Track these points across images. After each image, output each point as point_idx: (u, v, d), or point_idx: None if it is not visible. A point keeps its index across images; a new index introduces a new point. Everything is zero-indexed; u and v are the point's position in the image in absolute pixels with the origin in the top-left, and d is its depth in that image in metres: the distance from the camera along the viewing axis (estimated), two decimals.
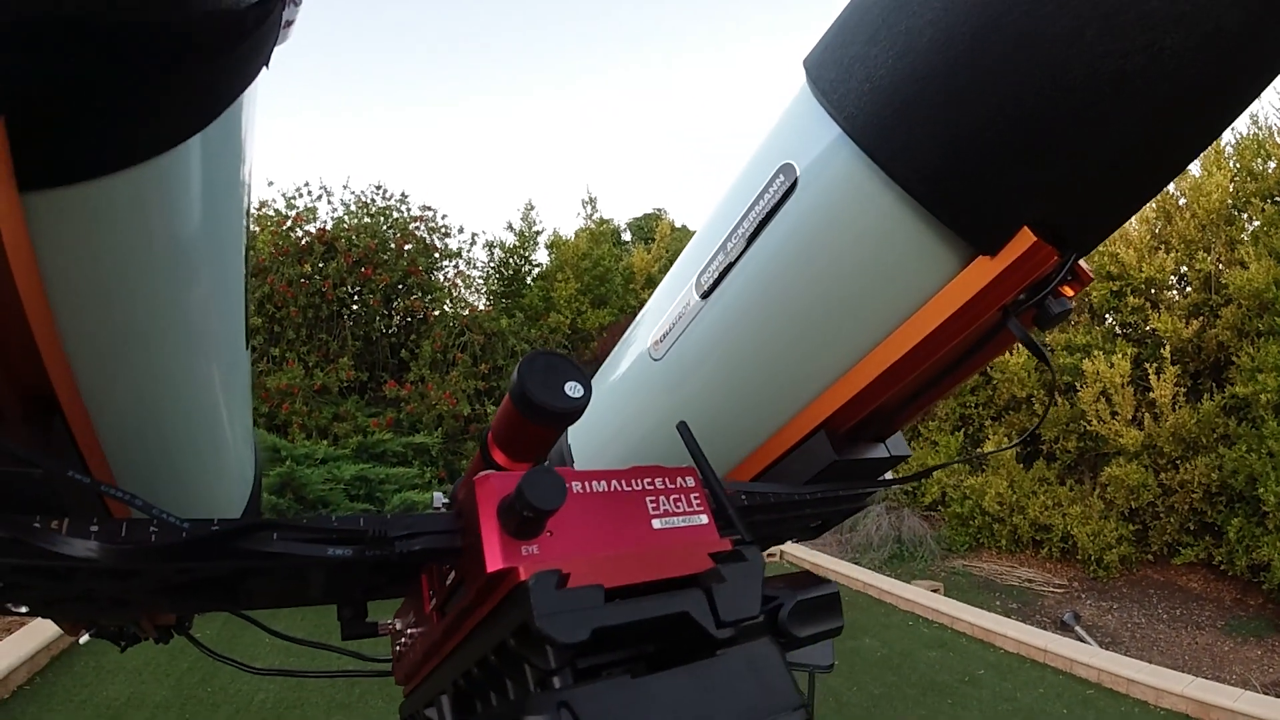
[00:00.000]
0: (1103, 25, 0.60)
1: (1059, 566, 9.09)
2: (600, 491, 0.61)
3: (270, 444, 8.32)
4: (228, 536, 0.62)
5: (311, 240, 10.82)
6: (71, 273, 0.52)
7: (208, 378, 0.81)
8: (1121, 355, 8.68)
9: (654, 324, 1.05)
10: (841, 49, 0.76)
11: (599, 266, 14.02)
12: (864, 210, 0.76)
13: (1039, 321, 0.79)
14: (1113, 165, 0.69)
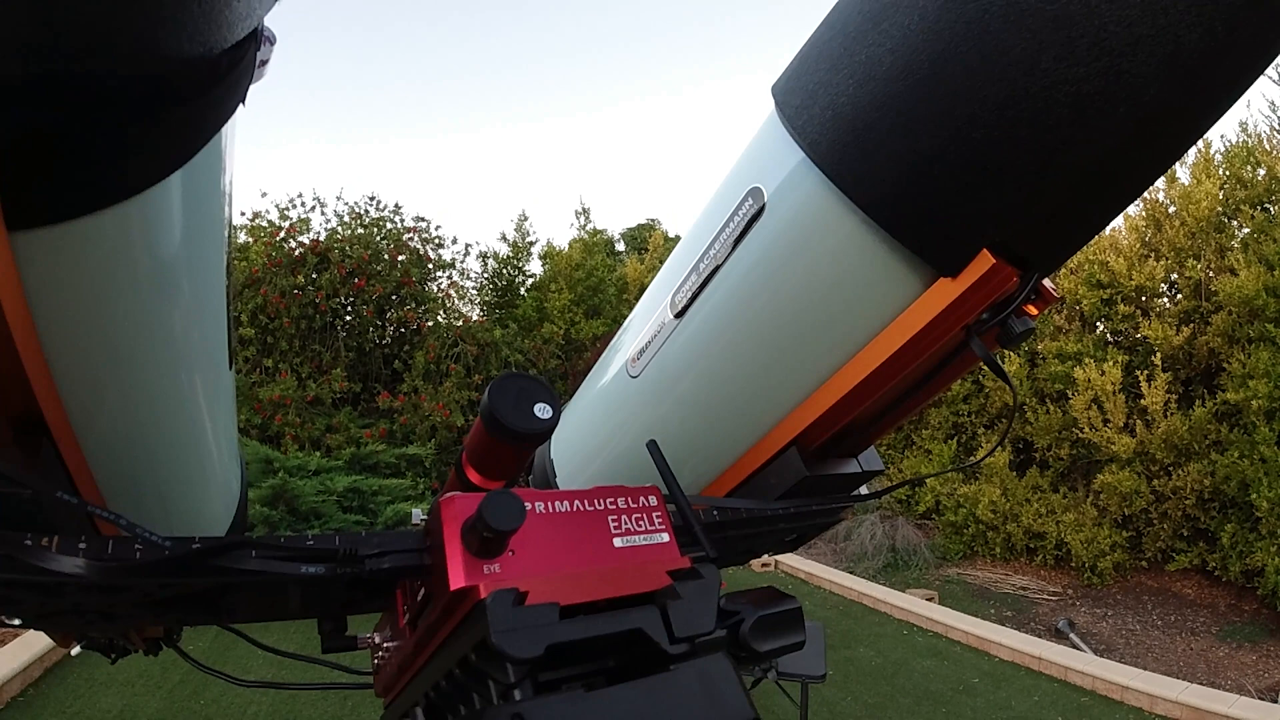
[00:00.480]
0: (1060, 50, 0.62)
1: (1053, 574, 9.10)
2: (563, 511, 0.63)
3: (263, 455, 8.31)
4: (207, 554, 0.65)
5: (305, 251, 10.83)
6: (58, 304, 0.54)
7: (192, 399, 0.82)
8: (1112, 363, 8.72)
9: (633, 340, 1.07)
10: (806, 76, 0.79)
11: (592, 277, 14.05)
12: (828, 233, 0.78)
13: (1002, 340, 0.81)
14: (1073, 188, 0.71)
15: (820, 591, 8.70)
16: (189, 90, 0.48)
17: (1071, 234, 0.79)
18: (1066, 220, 0.75)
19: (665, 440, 0.99)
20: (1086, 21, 0.61)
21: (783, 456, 0.92)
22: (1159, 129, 0.69)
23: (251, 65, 0.54)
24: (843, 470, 0.98)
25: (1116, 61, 0.62)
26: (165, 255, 0.60)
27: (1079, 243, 0.81)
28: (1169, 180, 9.54)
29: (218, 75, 0.49)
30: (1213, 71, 0.65)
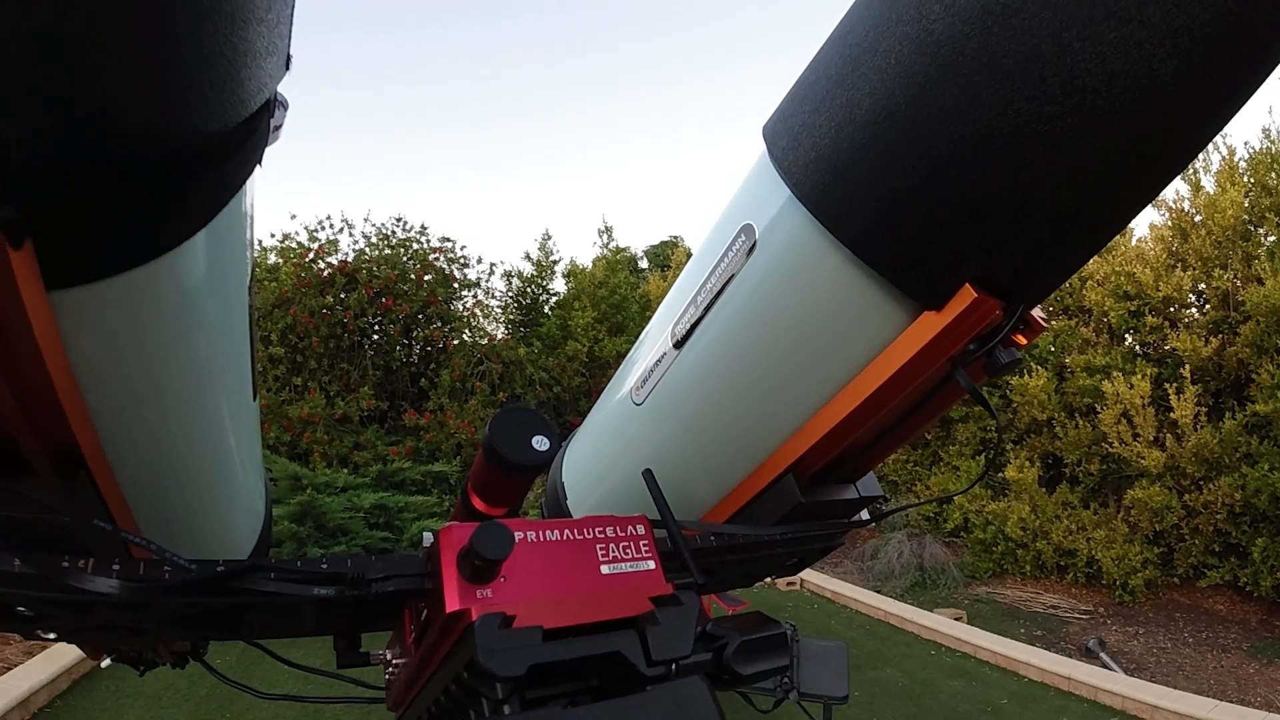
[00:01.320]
0: (1032, 90, 0.65)
1: (1084, 592, 8.94)
2: (553, 540, 0.67)
3: (292, 473, 8.44)
4: (229, 577, 0.70)
5: (333, 272, 11.03)
6: (94, 351, 0.59)
7: (218, 430, 0.88)
8: (1141, 375, 8.58)
9: (638, 367, 1.11)
10: (791, 119, 0.82)
11: (615, 295, 14.14)
12: (816, 269, 0.81)
13: (989, 370, 0.83)
14: (1052, 223, 0.74)
15: (846, 611, 8.61)
16: (209, 161, 0.53)
17: (1055, 266, 0.81)
18: (1049, 254, 0.78)
19: (666, 466, 1.02)
20: (1059, 60, 0.63)
21: (779, 483, 0.95)
22: (1137, 163, 0.71)
23: (266, 132, 0.59)
24: (840, 496, 1.00)
25: (1089, 99, 0.64)
26: (191, 303, 0.65)
27: (1064, 275, 0.83)
28: (1194, 189, 9.42)
29: (235, 146, 0.54)
30: (1191, 103, 0.67)
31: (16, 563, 0.67)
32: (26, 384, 0.54)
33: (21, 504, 0.63)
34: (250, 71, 0.51)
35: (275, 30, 0.53)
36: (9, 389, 0.54)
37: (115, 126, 0.44)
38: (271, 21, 0.51)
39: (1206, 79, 0.64)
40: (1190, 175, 9.47)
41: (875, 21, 0.74)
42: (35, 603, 0.76)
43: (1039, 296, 0.84)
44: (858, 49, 0.75)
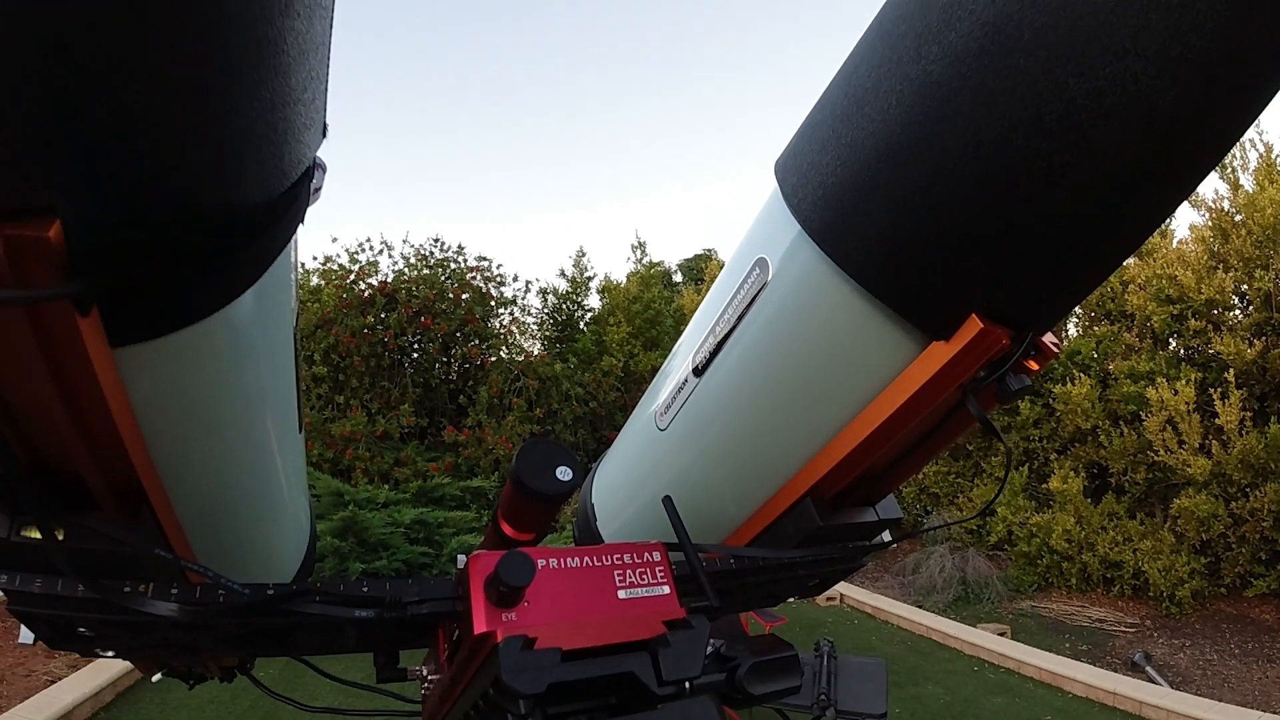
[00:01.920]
0: (1030, 127, 0.67)
1: (1131, 604, 8.69)
2: (574, 567, 0.72)
3: (334, 489, 8.61)
4: (278, 600, 0.76)
5: (373, 293, 11.27)
6: (154, 397, 0.65)
7: (269, 464, 0.94)
8: (1185, 381, 8.36)
9: (663, 392, 1.14)
10: (800, 156, 0.86)
11: (650, 309, 14.20)
12: (826, 301, 0.85)
13: (999, 397, 0.85)
14: (1054, 255, 0.76)
15: (888, 627, 8.48)
16: (257, 229, 0.58)
17: (1061, 296, 0.83)
18: (1054, 284, 0.80)
19: (690, 489, 1.06)
20: (1055, 97, 0.65)
21: (799, 506, 0.98)
22: (1138, 194, 0.73)
23: (307, 195, 0.64)
24: (859, 519, 1.03)
25: (1087, 133, 0.66)
26: (242, 349, 0.71)
27: (1070, 303, 0.85)
28: (1233, 187, 9.17)
29: (280, 212, 0.59)
30: (1191, 132, 0.69)
31: (80, 588, 0.74)
32: (94, 431, 0.60)
33: (89, 536, 0.69)
34: (291, 146, 0.56)
35: (312, 105, 0.58)
36: (78, 435, 0.60)
37: (173, 206, 0.49)
38: (308, 99, 0.57)
39: (1206, 108, 0.66)
40: (1228, 173, 9.23)
41: (878, 62, 0.77)
42: (97, 624, 0.83)
43: (1048, 324, 0.86)
44: (861, 89, 0.78)
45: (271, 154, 0.55)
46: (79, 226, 0.45)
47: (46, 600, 0.74)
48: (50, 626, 0.84)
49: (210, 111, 0.46)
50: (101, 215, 0.47)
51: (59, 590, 0.73)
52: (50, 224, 0.43)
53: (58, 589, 0.73)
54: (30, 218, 0.43)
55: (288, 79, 0.51)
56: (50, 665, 5.71)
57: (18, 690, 5.38)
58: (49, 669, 5.66)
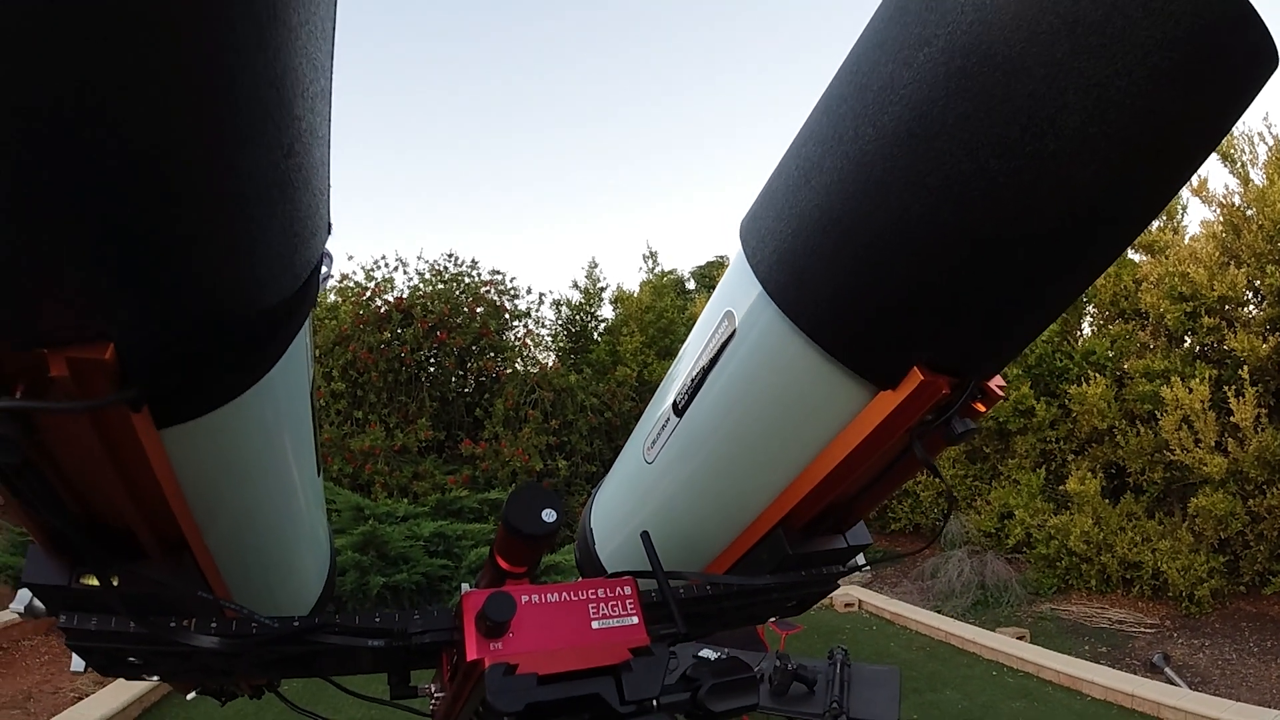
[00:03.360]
0: (955, 205, 0.76)
1: (1150, 605, 8.65)
2: (554, 601, 0.83)
3: (354, 504, 8.76)
4: (302, 632, 0.87)
5: (390, 309, 11.45)
6: (194, 463, 0.76)
7: (292, 510, 1.06)
8: (1200, 379, 8.32)
9: (652, 425, 1.24)
10: (759, 220, 0.96)
11: (663, 319, 14.30)
12: (784, 353, 0.94)
13: (946, 439, 0.94)
14: (984, 315, 0.85)
15: (906, 632, 8.49)
16: (278, 322, 0.69)
17: (997, 348, 0.91)
18: (988, 339, 0.89)
19: (674, 519, 1.16)
20: (978, 176, 0.74)
21: (771, 536, 1.07)
22: (1059, 260, 0.81)
23: (318, 283, 0.74)
24: (829, 546, 1.12)
25: (1009, 208, 0.75)
26: (269, 417, 0.82)
27: (1010, 353, 0.94)
28: (1243, 182, 9.12)
29: (296, 304, 0.70)
30: (1113, 204, 0.77)
31: (132, 625, 0.85)
32: (143, 495, 0.71)
33: (140, 581, 0.80)
34: (304, 251, 0.67)
35: (318, 214, 0.69)
36: (129, 499, 0.71)
37: (208, 323, 0.60)
38: (315, 209, 0.67)
39: (1127, 180, 0.74)
40: (1238, 168, 9.19)
41: (823, 137, 0.86)
42: (146, 654, 0.94)
43: (991, 372, 0.94)
44: (809, 161, 0.88)
45: (288, 263, 0.65)
46: (129, 345, 0.56)
47: (102, 636, 0.85)
48: (103, 656, 0.95)
49: (236, 247, 0.57)
50: (147, 336, 0.57)
51: (113, 627, 0.84)
52: (106, 347, 0.54)
53: (112, 626, 0.84)
54: (88, 342, 0.54)
55: (296, 204, 0.62)
56: (77, 682, 5.86)
57: (45, 707, 5.53)
58: (75, 686, 5.82)
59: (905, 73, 0.76)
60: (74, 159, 0.45)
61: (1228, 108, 0.75)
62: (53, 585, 0.82)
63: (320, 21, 0.57)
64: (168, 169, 0.49)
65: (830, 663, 4.11)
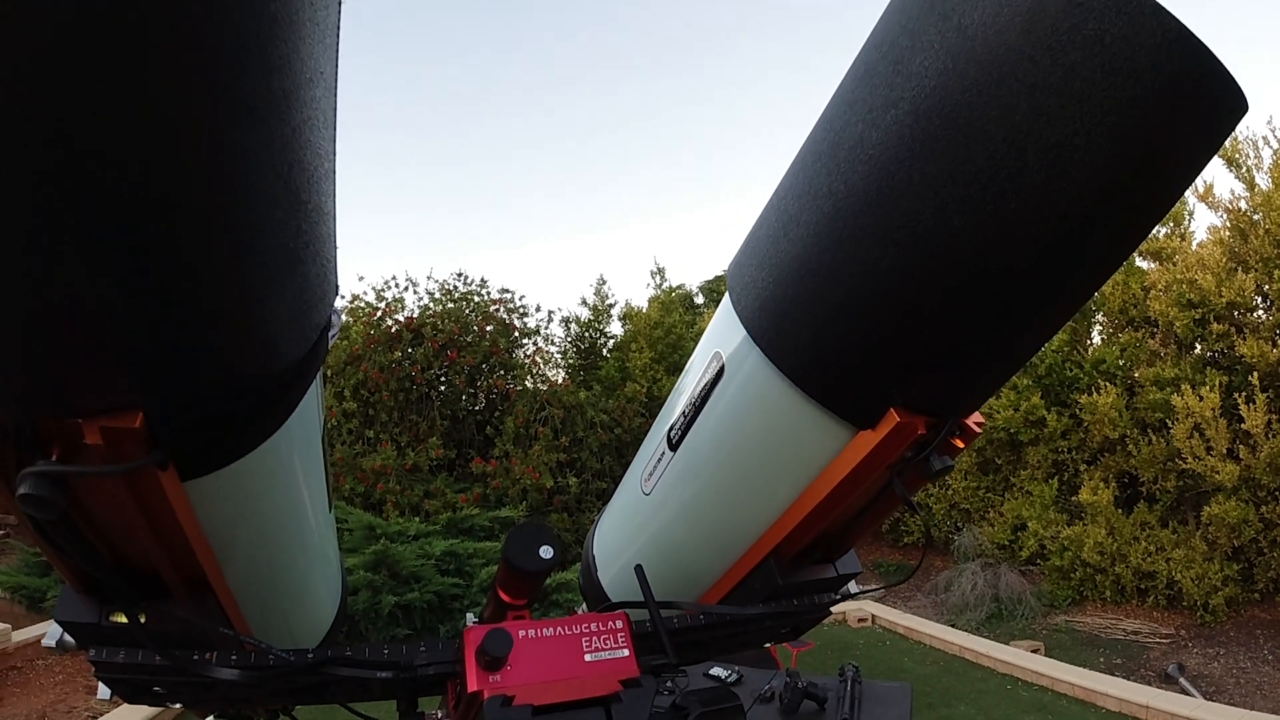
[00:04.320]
0: (922, 259, 0.80)
1: (1165, 615, 8.58)
2: (549, 635, 0.88)
3: (366, 523, 8.81)
4: (316, 665, 0.92)
5: (400, 328, 11.55)
6: (215, 508, 0.81)
7: (307, 548, 1.12)
8: (1210, 387, 8.29)
9: (650, 455, 1.29)
10: (743, 269, 1.01)
11: (671, 334, 14.34)
12: (768, 394, 0.99)
13: (923, 475, 0.98)
14: (953, 361, 0.89)
15: (920, 647, 8.44)
16: (291, 381, 0.74)
17: (970, 389, 0.96)
18: (959, 381, 0.93)
19: (670, 548, 1.21)
20: (944, 236, 0.78)
21: (763, 566, 1.12)
22: (1025, 311, 0.85)
23: (327, 342, 0.80)
24: (819, 576, 1.16)
25: (975, 263, 0.79)
26: (283, 464, 0.88)
27: (983, 394, 0.98)
28: (1249, 186, 9.11)
29: (308, 362, 0.76)
30: (1072, 259, 0.81)
31: (157, 658, 0.90)
32: (169, 541, 0.76)
33: (166, 619, 0.86)
34: (311, 318, 0.73)
35: (325, 282, 0.75)
36: (156, 545, 0.76)
37: (227, 389, 0.66)
38: (323, 276, 0.73)
39: (1086, 237, 0.78)
40: (1244, 172, 9.18)
41: (800, 192, 0.92)
42: (170, 684, 1.00)
43: (967, 411, 0.98)
44: (788, 214, 0.93)
45: (300, 327, 0.71)
46: (157, 412, 0.62)
47: (129, 668, 0.91)
48: (129, 687, 1.01)
49: (252, 321, 0.63)
50: (173, 403, 0.63)
51: (140, 660, 0.90)
52: (136, 416, 0.60)
53: (139, 659, 0.90)
54: (120, 411, 0.60)
55: (305, 276, 0.68)
56: (91, 702, 5.93)
57: None
58: (89, 705, 5.88)
59: (873, 133, 0.80)
60: (105, 261, 0.51)
61: (1194, 157, 0.78)
62: (84, 623, 0.87)
63: (322, 113, 0.63)
64: (189, 259, 0.55)
65: (841, 680, 4.12)
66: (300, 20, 0.52)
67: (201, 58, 0.46)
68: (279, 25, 0.50)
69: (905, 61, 0.78)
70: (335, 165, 0.71)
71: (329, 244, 0.73)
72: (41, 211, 0.47)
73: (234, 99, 0.49)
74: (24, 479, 0.59)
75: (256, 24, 0.48)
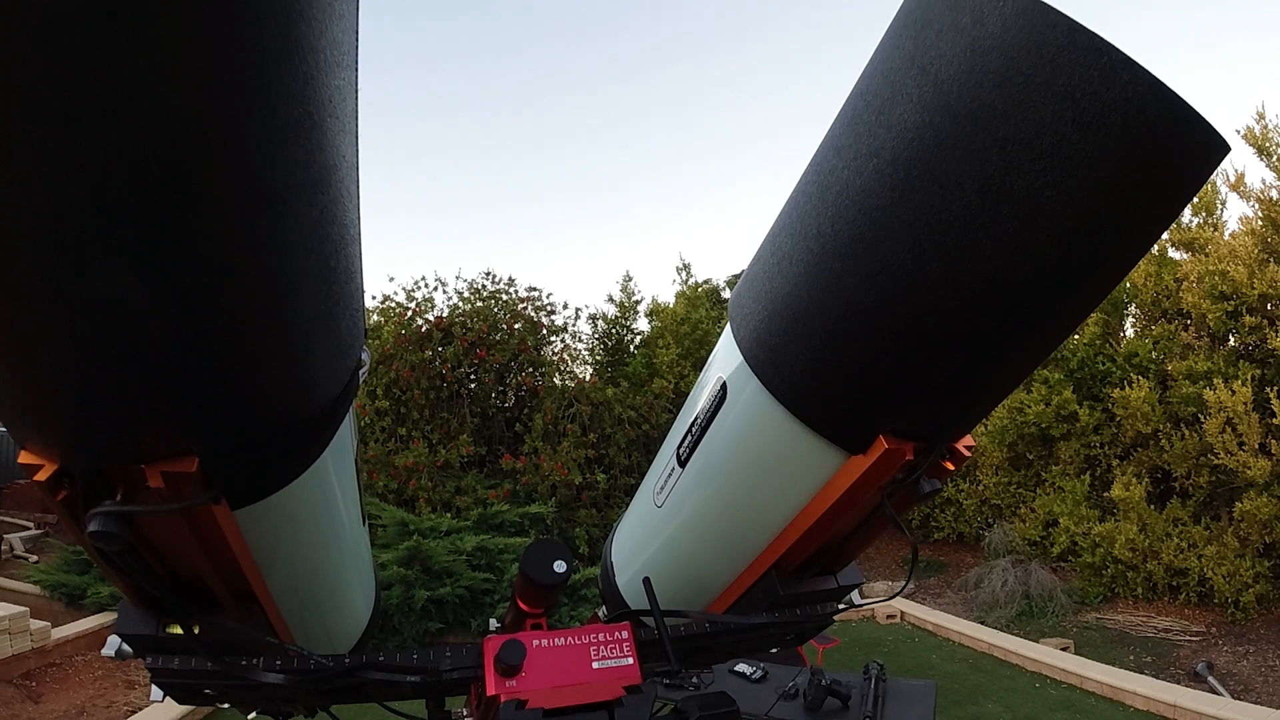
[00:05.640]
0: (903, 301, 0.85)
1: (1197, 612, 8.46)
2: (561, 645, 0.96)
3: (399, 519, 9.01)
4: (352, 669, 1.01)
5: (430, 328, 11.74)
6: (261, 531, 0.91)
7: (343, 564, 1.22)
8: (1242, 381, 8.13)
9: (663, 469, 1.36)
10: (742, 301, 1.07)
11: (698, 330, 14.37)
12: (767, 419, 1.05)
13: (914, 497, 1.04)
14: (936, 392, 0.95)
15: (949, 644, 8.42)
16: (327, 417, 0.83)
17: (955, 418, 1.01)
18: (944, 410, 0.98)
19: (681, 558, 1.28)
20: (922, 279, 0.82)
21: (766, 577, 1.19)
22: (1003, 349, 0.90)
23: (358, 381, 0.89)
24: (820, 587, 1.23)
25: (952, 305, 0.84)
26: (321, 488, 0.97)
27: (968, 424, 1.03)
28: None
29: (342, 400, 0.84)
30: (1046, 302, 0.85)
31: (209, 664, 1.00)
32: (220, 561, 0.86)
33: (217, 629, 0.95)
34: (343, 362, 0.81)
35: (355, 329, 0.83)
36: (209, 565, 0.86)
37: (273, 431, 0.75)
38: (351, 328, 0.81)
39: (1058, 281, 0.82)
40: (1275, 161, 8.98)
41: (793, 231, 0.98)
42: (219, 687, 1.10)
43: (955, 437, 1.04)
44: (781, 251, 0.99)
45: (333, 371, 0.80)
46: (210, 456, 0.71)
47: (184, 674, 1.01)
48: (183, 690, 1.11)
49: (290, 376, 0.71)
50: (224, 448, 0.72)
51: (193, 666, 1.00)
52: (193, 461, 0.69)
53: (192, 665, 1.00)
54: (178, 457, 0.69)
55: (337, 330, 0.77)
56: (130, 696, 6.12)
57: None
58: (129, 700, 6.07)
59: (857, 180, 0.86)
60: (170, 332, 0.60)
61: (1169, 204, 0.81)
62: (142, 634, 0.97)
63: (346, 190, 0.71)
64: (241, 325, 0.64)
65: (865, 677, 4.15)
66: (321, 118, 0.60)
67: (237, 156, 0.54)
68: (303, 127, 0.58)
69: (887, 112, 0.83)
70: (360, 230, 0.79)
71: (357, 296, 0.81)
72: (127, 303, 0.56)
73: (266, 193, 0.57)
74: (93, 517, 0.68)
75: (283, 128, 0.56)
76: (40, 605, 7.42)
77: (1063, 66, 0.70)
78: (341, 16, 0.60)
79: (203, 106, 0.49)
